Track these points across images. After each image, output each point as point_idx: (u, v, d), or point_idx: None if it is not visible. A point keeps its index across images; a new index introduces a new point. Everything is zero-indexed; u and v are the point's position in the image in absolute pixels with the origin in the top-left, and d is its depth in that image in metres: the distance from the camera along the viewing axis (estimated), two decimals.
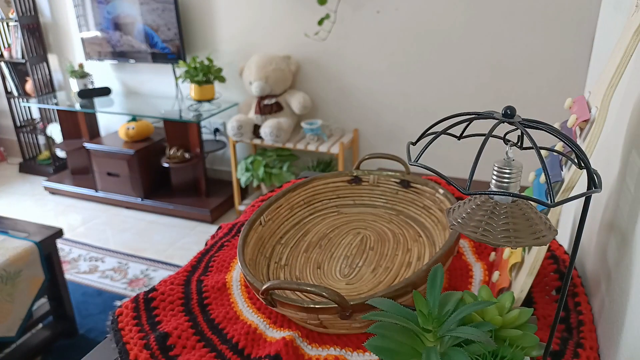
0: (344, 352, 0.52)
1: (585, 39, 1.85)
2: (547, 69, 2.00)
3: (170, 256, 2.27)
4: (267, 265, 0.64)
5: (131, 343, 0.53)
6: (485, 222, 0.33)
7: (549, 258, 0.61)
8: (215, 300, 0.60)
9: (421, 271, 0.49)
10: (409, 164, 0.38)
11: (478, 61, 2.11)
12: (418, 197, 0.71)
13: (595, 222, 0.59)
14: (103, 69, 3.05)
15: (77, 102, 2.92)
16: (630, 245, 0.44)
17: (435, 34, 2.12)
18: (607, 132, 0.58)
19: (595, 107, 0.46)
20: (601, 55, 0.72)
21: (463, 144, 1.90)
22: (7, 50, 3.18)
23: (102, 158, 2.81)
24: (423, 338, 0.36)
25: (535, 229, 0.32)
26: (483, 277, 0.62)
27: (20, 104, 3.34)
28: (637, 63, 0.50)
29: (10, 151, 3.64)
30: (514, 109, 0.32)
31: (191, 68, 2.48)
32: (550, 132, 0.33)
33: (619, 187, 0.50)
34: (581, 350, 0.48)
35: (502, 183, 0.33)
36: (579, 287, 0.57)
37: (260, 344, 0.53)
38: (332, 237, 0.69)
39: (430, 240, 0.65)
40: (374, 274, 0.61)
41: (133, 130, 2.77)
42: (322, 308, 0.48)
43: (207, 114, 2.60)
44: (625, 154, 0.50)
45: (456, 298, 0.38)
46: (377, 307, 0.39)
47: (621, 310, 0.44)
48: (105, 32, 2.81)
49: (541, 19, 1.95)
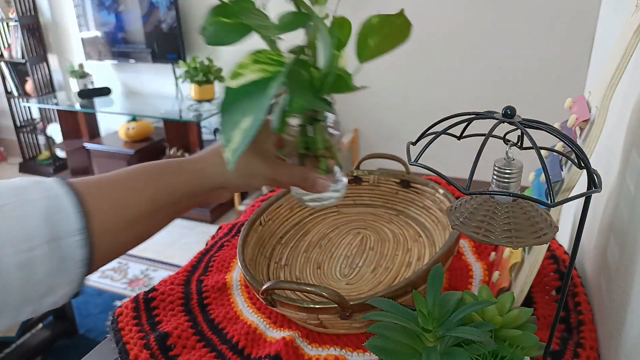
0: (344, 352, 0.52)
1: (585, 38, 1.85)
2: (547, 69, 2.00)
3: (170, 256, 2.27)
4: (267, 265, 0.64)
5: (131, 343, 0.53)
6: (487, 222, 0.33)
7: (549, 258, 0.61)
8: (215, 300, 0.60)
9: (421, 271, 0.49)
10: (409, 164, 0.38)
11: (478, 61, 2.11)
12: (418, 197, 0.71)
13: (595, 222, 0.59)
14: (103, 69, 3.05)
15: (77, 102, 2.92)
16: (631, 245, 0.44)
17: (436, 34, 2.12)
18: (607, 132, 0.58)
19: (595, 107, 0.46)
20: (601, 55, 0.72)
21: (463, 144, 1.89)
22: (7, 50, 3.18)
23: (102, 158, 2.81)
24: (423, 338, 0.37)
25: (537, 228, 0.32)
26: (483, 277, 0.62)
27: (20, 104, 3.34)
28: (637, 63, 0.50)
29: (10, 151, 3.64)
30: (513, 109, 0.32)
31: (191, 68, 2.48)
32: (550, 132, 0.33)
33: (619, 187, 0.50)
34: (581, 350, 0.48)
35: (503, 183, 0.33)
36: (579, 287, 0.57)
37: (260, 344, 0.53)
38: (332, 237, 0.69)
39: (430, 240, 0.65)
40: (374, 274, 0.61)
41: (133, 130, 2.77)
42: (322, 308, 0.48)
43: (207, 114, 2.60)
44: (626, 154, 0.50)
45: (456, 298, 0.38)
46: (377, 307, 0.39)
47: (621, 310, 0.44)
48: (105, 32, 2.81)
49: (541, 19, 1.95)
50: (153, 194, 0.43)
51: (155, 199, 0.43)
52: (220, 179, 0.46)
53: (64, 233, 0.36)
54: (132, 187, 0.42)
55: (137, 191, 0.42)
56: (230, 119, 0.37)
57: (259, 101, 0.37)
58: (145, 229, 0.44)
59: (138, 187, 0.42)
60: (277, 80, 0.38)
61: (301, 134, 0.50)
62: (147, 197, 0.42)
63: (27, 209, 0.35)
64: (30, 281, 0.35)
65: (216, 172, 0.46)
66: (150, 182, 0.43)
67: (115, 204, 0.40)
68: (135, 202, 0.41)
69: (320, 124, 0.50)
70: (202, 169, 0.46)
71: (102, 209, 0.39)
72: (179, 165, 0.46)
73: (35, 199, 0.36)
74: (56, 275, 0.37)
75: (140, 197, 0.42)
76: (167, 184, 0.44)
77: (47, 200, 0.36)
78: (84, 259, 0.38)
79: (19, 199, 0.36)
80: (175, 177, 0.45)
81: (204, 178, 0.46)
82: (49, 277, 0.36)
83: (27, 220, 0.35)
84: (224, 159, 0.38)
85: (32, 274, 0.35)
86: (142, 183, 0.43)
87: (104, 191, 0.40)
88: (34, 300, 0.37)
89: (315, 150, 0.51)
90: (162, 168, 0.45)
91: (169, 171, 0.45)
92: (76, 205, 0.37)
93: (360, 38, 0.47)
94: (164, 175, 0.44)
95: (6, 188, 0.36)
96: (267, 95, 0.37)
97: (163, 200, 0.43)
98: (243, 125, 0.36)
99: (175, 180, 0.44)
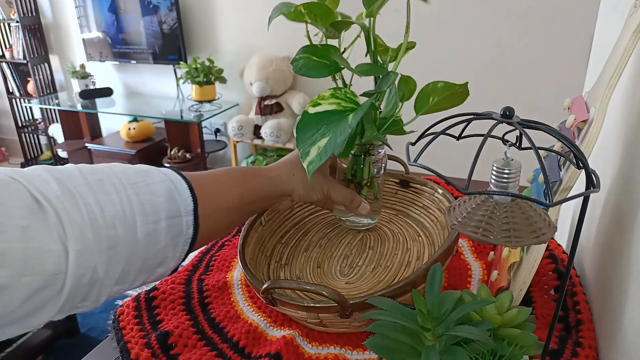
0: (343, 350, 0.52)
1: (584, 39, 1.85)
2: (545, 70, 2.01)
3: None
4: (268, 264, 0.64)
5: (132, 342, 0.54)
6: (486, 222, 0.33)
7: (547, 257, 0.61)
8: (216, 299, 0.61)
9: (421, 270, 0.49)
10: (408, 164, 0.39)
11: (477, 62, 2.11)
12: (417, 197, 0.72)
13: (594, 222, 0.59)
14: (104, 70, 3.06)
15: (79, 102, 2.93)
16: (629, 245, 0.44)
17: (435, 34, 2.12)
18: (605, 132, 0.58)
19: (593, 108, 0.46)
20: (600, 55, 0.72)
21: (462, 145, 1.90)
22: (9, 50, 3.18)
23: (104, 158, 2.82)
24: (422, 337, 0.37)
25: (535, 228, 0.32)
26: (482, 277, 0.62)
27: (21, 104, 3.35)
28: (636, 63, 0.50)
29: (12, 151, 3.65)
30: (512, 110, 0.32)
31: (192, 69, 2.48)
32: (548, 132, 0.33)
33: (618, 187, 0.50)
34: (580, 349, 0.48)
35: (501, 183, 0.34)
36: (578, 287, 0.57)
37: (260, 343, 0.53)
38: (332, 237, 0.69)
39: (430, 240, 0.65)
40: (374, 273, 0.61)
41: (134, 131, 2.78)
42: (322, 307, 0.49)
43: (208, 114, 2.61)
44: (625, 153, 0.50)
45: (455, 297, 0.39)
46: (376, 306, 0.39)
47: (620, 309, 0.45)
48: (106, 32, 2.81)
49: (540, 19, 1.95)
50: (241, 191, 0.50)
51: (242, 196, 0.50)
52: (288, 187, 0.55)
53: (181, 212, 0.42)
54: (224, 182, 0.49)
55: (229, 187, 0.49)
56: (305, 136, 0.46)
57: (339, 126, 0.46)
58: (232, 220, 0.50)
59: (230, 183, 0.49)
60: (359, 113, 0.46)
61: (354, 162, 0.60)
62: (236, 193, 0.49)
63: (153, 188, 0.41)
64: (151, 250, 0.40)
65: (286, 181, 0.54)
66: (239, 181, 0.50)
67: (212, 194, 0.47)
68: (227, 195, 0.48)
69: (370, 157, 0.60)
70: (276, 177, 0.54)
71: (203, 197, 0.45)
72: (259, 171, 0.54)
73: (158, 180, 0.42)
74: (169, 249, 0.42)
75: (231, 192, 0.49)
76: (251, 185, 0.51)
77: (169, 183, 0.43)
78: (191, 237, 0.44)
79: (146, 179, 0.41)
80: (256, 180, 0.52)
81: (276, 185, 0.54)
82: (165, 249, 0.42)
83: (155, 196, 0.41)
84: (303, 168, 0.47)
85: (155, 244, 0.40)
86: (233, 181, 0.50)
87: (204, 183, 0.46)
88: (149, 269, 0.42)
89: (361, 179, 0.61)
90: (246, 172, 0.53)
91: (251, 174, 0.52)
92: (190, 190, 0.44)
93: (423, 95, 0.56)
94: (248, 177, 0.52)
95: (134, 170, 0.42)
96: (351, 123, 0.46)
97: (248, 198, 0.50)
98: (320, 144, 0.45)
99: (256, 183, 0.52)
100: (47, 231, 0.33)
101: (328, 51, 0.52)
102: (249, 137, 2.46)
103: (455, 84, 0.53)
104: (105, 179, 0.39)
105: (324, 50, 0.52)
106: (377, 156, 0.60)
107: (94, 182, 0.38)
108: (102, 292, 0.38)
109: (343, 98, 0.49)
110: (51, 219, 0.33)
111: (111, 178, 0.39)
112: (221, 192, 0.48)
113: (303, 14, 0.52)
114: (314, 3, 0.52)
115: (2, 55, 3.21)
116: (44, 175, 0.36)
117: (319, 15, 0.52)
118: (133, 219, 0.38)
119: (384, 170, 0.63)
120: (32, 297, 0.32)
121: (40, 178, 0.36)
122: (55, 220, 0.34)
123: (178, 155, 2.69)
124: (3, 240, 0.30)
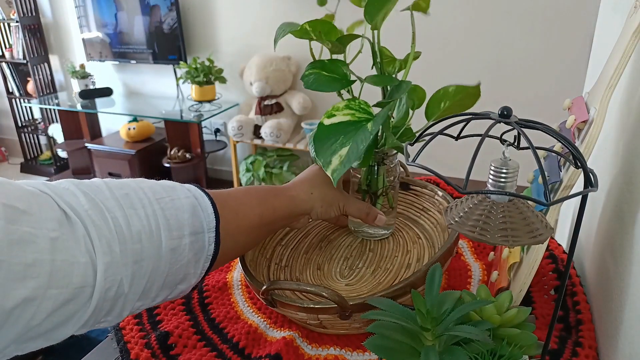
0: (343, 351, 0.52)
1: (584, 39, 1.85)
2: (545, 70, 2.01)
3: None
4: (268, 266, 0.64)
5: (132, 342, 0.54)
6: (483, 221, 0.33)
7: (547, 257, 0.61)
8: (216, 300, 0.61)
9: (420, 272, 0.49)
10: (407, 164, 0.39)
11: (477, 62, 2.11)
12: (417, 199, 0.71)
13: (594, 222, 0.59)
14: (104, 70, 3.06)
15: (79, 102, 2.93)
16: (629, 245, 0.44)
17: (435, 34, 2.12)
18: (605, 133, 0.58)
19: (593, 108, 0.46)
20: (600, 55, 0.72)
21: (461, 145, 1.90)
22: (9, 50, 3.18)
23: (104, 158, 2.82)
24: (422, 337, 0.37)
25: (532, 228, 0.32)
26: (482, 277, 0.62)
27: (21, 104, 3.35)
28: (636, 63, 0.50)
29: (12, 151, 3.65)
30: (510, 109, 0.32)
31: (192, 69, 2.48)
32: (546, 131, 0.33)
33: (618, 187, 0.50)
34: (580, 349, 0.48)
35: (499, 182, 0.34)
36: (578, 286, 0.57)
37: (260, 344, 0.53)
38: (332, 239, 0.69)
39: (430, 242, 0.65)
40: (374, 275, 0.61)
41: (134, 131, 2.78)
42: (322, 308, 0.48)
43: (208, 114, 2.61)
44: (625, 154, 0.50)
45: (454, 297, 0.39)
46: (376, 306, 0.39)
47: (620, 309, 0.45)
48: (106, 32, 2.81)
49: (540, 19, 1.95)
50: (261, 211, 0.50)
51: (262, 216, 0.50)
52: (307, 206, 0.55)
53: (204, 228, 0.42)
54: (245, 202, 0.49)
55: (250, 207, 0.49)
56: (324, 147, 0.47)
57: (358, 135, 0.47)
58: (251, 239, 0.51)
59: (251, 203, 0.49)
60: (378, 121, 0.47)
61: (368, 172, 0.61)
62: (257, 213, 0.49)
63: (178, 204, 0.41)
64: (174, 266, 0.40)
65: (305, 200, 0.55)
66: (260, 201, 0.51)
67: (234, 213, 0.47)
68: (248, 215, 0.48)
69: (384, 167, 0.60)
70: (295, 196, 0.55)
71: (225, 215, 0.45)
72: (279, 191, 0.54)
73: (183, 196, 0.42)
74: (191, 265, 0.42)
75: (252, 212, 0.49)
76: (272, 205, 0.52)
77: (192, 199, 0.43)
78: (212, 254, 0.43)
79: (171, 194, 0.41)
80: (277, 200, 0.52)
81: (295, 205, 0.54)
82: (187, 265, 0.41)
83: (180, 212, 0.41)
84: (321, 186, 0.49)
85: (178, 260, 0.40)
86: (254, 201, 0.50)
87: (226, 201, 0.46)
88: (171, 285, 0.41)
89: (376, 188, 0.61)
90: (267, 191, 0.53)
91: (272, 194, 0.53)
92: (213, 207, 0.43)
93: (434, 101, 0.56)
94: (269, 197, 0.52)
95: (159, 185, 0.42)
96: (371, 131, 0.47)
97: (267, 217, 0.51)
98: (342, 152, 0.46)
99: (277, 203, 0.52)
100: (75, 243, 0.33)
101: (337, 65, 0.54)
102: (249, 137, 2.46)
103: (467, 86, 0.53)
104: (131, 194, 0.39)
105: (332, 65, 0.54)
106: (390, 165, 0.61)
107: (120, 196, 0.38)
108: (125, 306, 0.37)
109: (357, 109, 0.49)
110: (79, 231, 0.33)
111: (137, 193, 0.39)
112: (242, 211, 0.48)
113: (309, 32, 0.53)
114: (319, 21, 0.53)
115: (2, 55, 3.21)
116: (72, 188, 0.36)
117: (323, 32, 0.53)
118: (158, 234, 0.38)
119: (398, 179, 0.63)
120: (59, 310, 0.32)
121: (68, 191, 0.36)
122: (83, 233, 0.34)
123: (178, 155, 2.69)
124: (32, 251, 0.30)
